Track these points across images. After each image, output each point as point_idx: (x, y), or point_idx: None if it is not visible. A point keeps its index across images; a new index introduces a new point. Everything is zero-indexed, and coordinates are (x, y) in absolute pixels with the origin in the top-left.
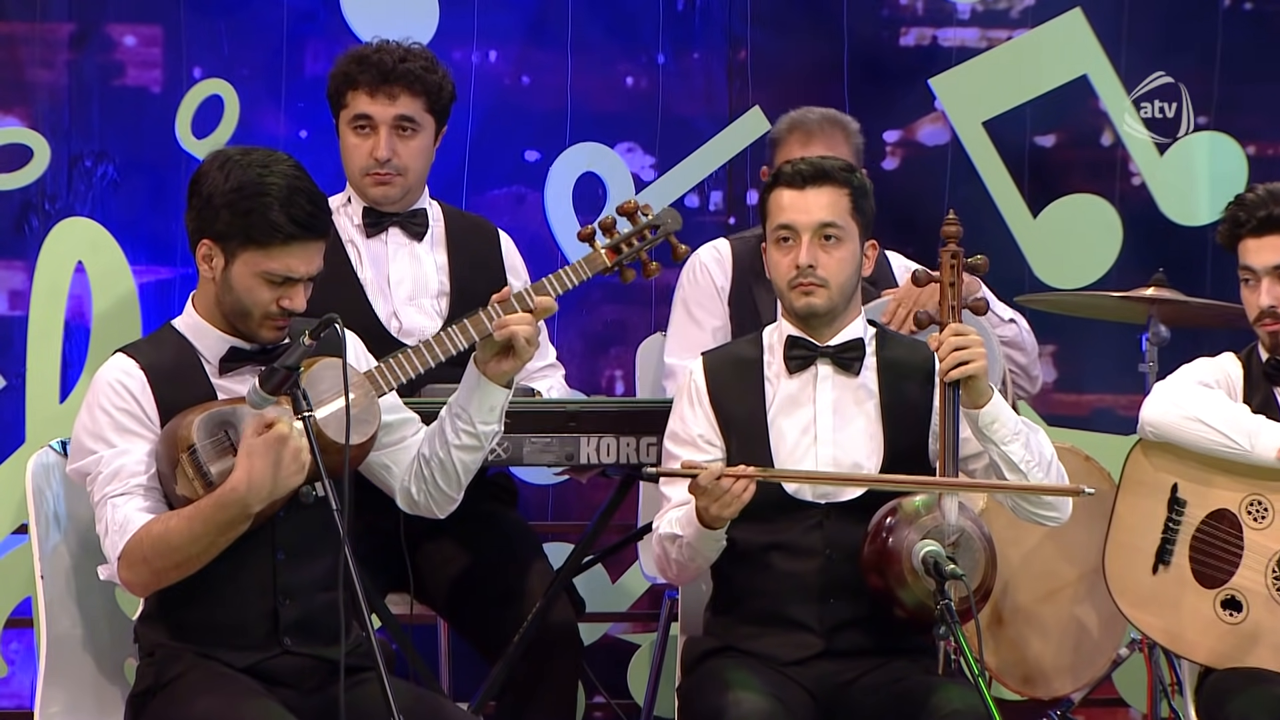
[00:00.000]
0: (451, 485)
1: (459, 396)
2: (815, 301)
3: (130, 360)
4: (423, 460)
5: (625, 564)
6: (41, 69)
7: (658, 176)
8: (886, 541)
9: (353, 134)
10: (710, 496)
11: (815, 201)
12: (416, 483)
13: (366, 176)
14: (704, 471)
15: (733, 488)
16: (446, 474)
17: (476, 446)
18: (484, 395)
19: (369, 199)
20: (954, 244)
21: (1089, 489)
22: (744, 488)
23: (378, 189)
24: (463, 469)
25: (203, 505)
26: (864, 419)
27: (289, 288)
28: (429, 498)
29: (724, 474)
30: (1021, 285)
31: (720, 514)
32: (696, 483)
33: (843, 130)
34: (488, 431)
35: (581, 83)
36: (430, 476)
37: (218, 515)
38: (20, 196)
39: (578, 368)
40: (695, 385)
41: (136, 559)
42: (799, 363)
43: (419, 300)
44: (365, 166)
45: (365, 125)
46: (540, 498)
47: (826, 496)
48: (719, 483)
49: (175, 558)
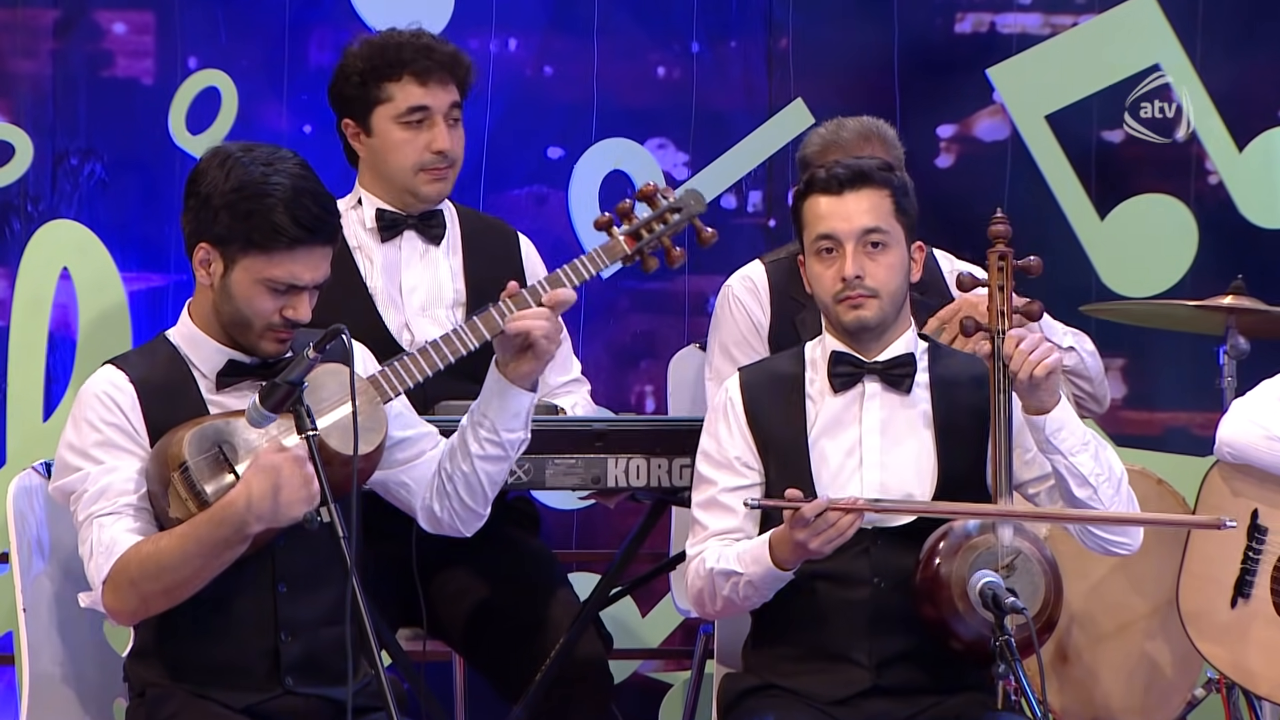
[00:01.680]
0: (477, 500)
1: (480, 403)
2: (866, 314)
3: (119, 373)
4: (444, 475)
5: (656, 596)
6: (23, 59)
7: (691, 175)
8: (939, 568)
9: (400, 128)
10: (813, 531)
11: (855, 206)
12: (439, 500)
13: (422, 173)
14: (809, 504)
15: (839, 522)
16: (471, 488)
17: (502, 456)
18: (507, 400)
19: (422, 198)
20: (1002, 244)
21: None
22: (850, 522)
23: (434, 185)
24: (488, 482)
25: (196, 522)
26: (915, 441)
27: (293, 296)
28: (453, 515)
29: (831, 506)
30: (1088, 293)
31: (819, 550)
32: (800, 515)
33: (883, 142)
34: (513, 440)
35: (609, 73)
36: (454, 492)
37: (212, 534)
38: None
39: (604, 383)
40: (731, 403)
41: (123, 583)
42: (844, 380)
43: (433, 310)
44: (423, 162)
45: (420, 117)
46: (564, 524)
47: (874, 521)
48: (825, 516)
49: (165, 581)
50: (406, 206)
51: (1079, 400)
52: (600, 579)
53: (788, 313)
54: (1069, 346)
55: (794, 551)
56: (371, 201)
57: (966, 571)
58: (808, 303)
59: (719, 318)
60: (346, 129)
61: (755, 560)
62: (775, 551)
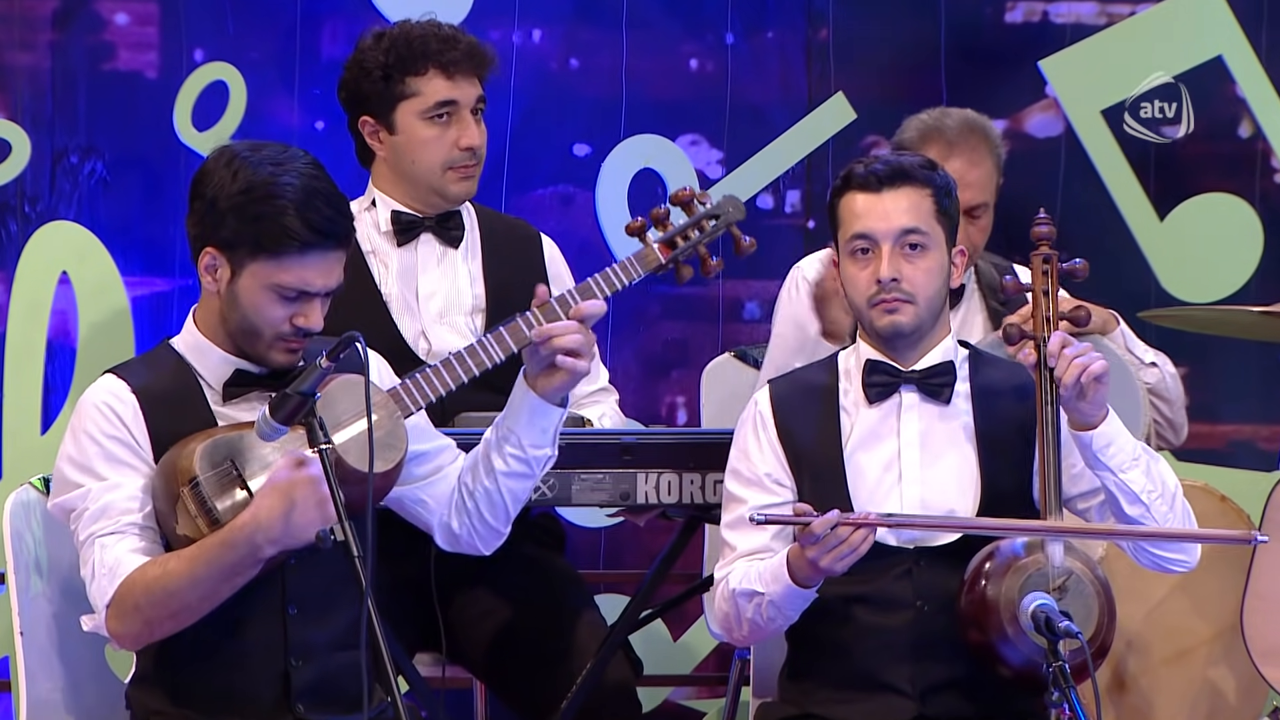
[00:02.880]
0: (499, 518)
1: (506, 417)
2: (901, 320)
3: (120, 382)
4: (465, 491)
5: (689, 619)
6: (20, 51)
7: (726, 173)
8: (986, 590)
9: (427, 125)
10: (823, 548)
11: (894, 205)
12: (458, 516)
13: (450, 171)
14: (818, 519)
15: (850, 537)
16: (493, 505)
17: (527, 474)
18: (535, 415)
19: (450, 198)
20: (1046, 247)
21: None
22: (863, 538)
23: (462, 184)
24: (512, 499)
25: (206, 545)
26: (956, 454)
27: (304, 304)
28: (473, 533)
29: (841, 521)
30: (1146, 299)
31: (832, 568)
32: (809, 531)
33: (986, 139)
34: (540, 457)
35: (638, 66)
36: (475, 509)
37: (223, 557)
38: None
39: (634, 393)
40: (760, 416)
41: (128, 607)
42: (880, 390)
43: (451, 317)
44: (452, 159)
45: (447, 112)
46: (591, 542)
47: (916, 540)
48: (835, 531)
49: (172, 605)
50: (431, 207)
51: (1157, 428)
52: (629, 601)
53: None
54: (1151, 362)
55: (808, 569)
56: (387, 203)
57: (1016, 594)
58: None
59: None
60: (364, 127)
61: (775, 578)
62: (792, 569)
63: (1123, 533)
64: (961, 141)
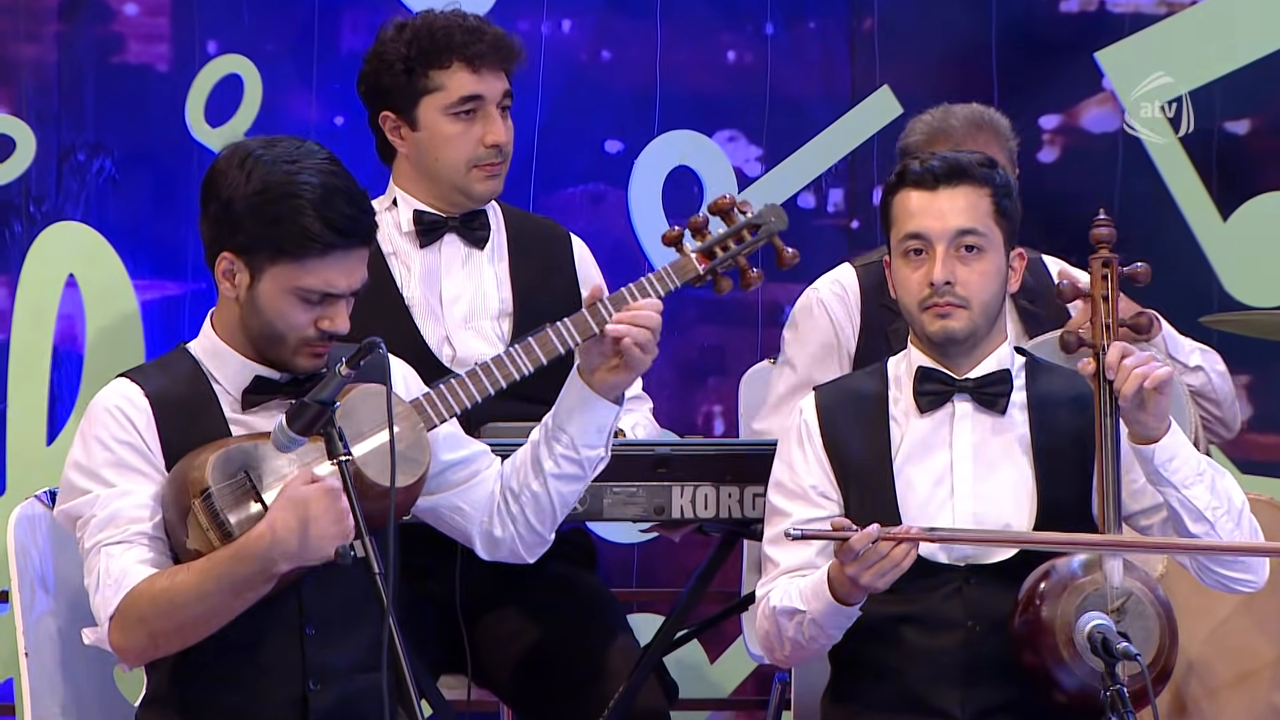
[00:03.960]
0: (545, 523)
1: (557, 415)
2: (953, 325)
3: (134, 386)
4: (509, 495)
5: (726, 640)
6: (25, 43)
7: (765, 171)
8: (1040, 611)
9: (451, 121)
10: (863, 564)
11: (950, 204)
12: (501, 521)
13: (475, 169)
14: (857, 533)
15: (891, 553)
16: (540, 510)
17: (578, 475)
18: (590, 412)
19: (475, 197)
20: (1106, 249)
21: None
22: (905, 553)
23: (488, 183)
24: (560, 503)
25: (217, 558)
26: (1012, 466)
27: (328, 306)
28: (516, 539)
29: (882, 536)
30: (1208, 302)
31: (872, 584)
32: (847, 546)
33: (995, 133)
34: (593, 457)
35: (673, 58)
36: (520, 514)
37: (234, 571)
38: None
39: (669, 402)
40: (805, 426)
41: (132, 619)
42: (932, 399)
43: (476, 322)
44: (477, 157)
45: (472, 108)
46: (623, 559)
47: (967, 558)
48: (875, 547)
49: (178, 619)
50: (455, 206)
51: (1206, 424)
52: (664, 621)
53: (879, 323)
54: (1196, 366)
55: (849, 586)
56: (409, 202)
57: (1073, 614)
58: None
59: (799, 326)
60: (385, 123)
61: (816, 595)
62: (833, 585)
63: (1185, 546)
64: (969, 139)
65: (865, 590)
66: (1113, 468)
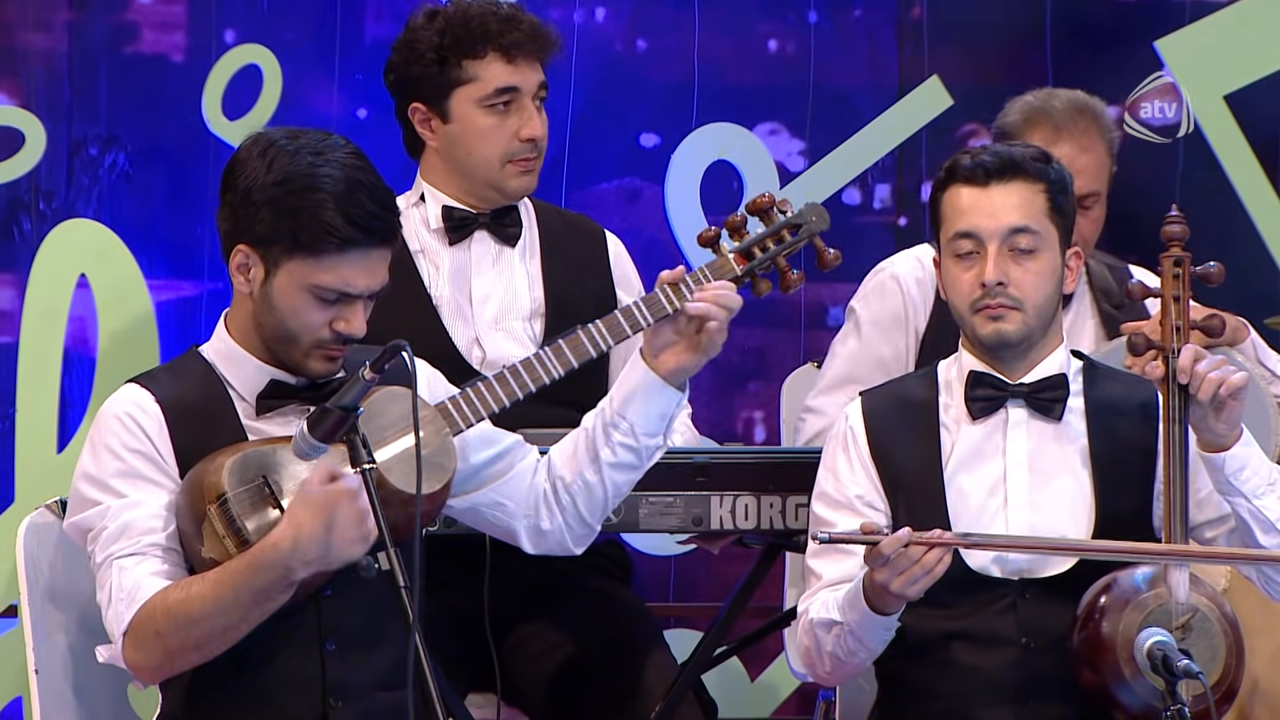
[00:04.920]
0: (596, 514)
1: (616, 401)
2: (1006, 328)
3: (144, 392)
4: (559, 485)
5: (768, 657)
6: (35, 32)
7: (808, 165)
8: (1100, 626)
9: (485, 113)
10: (893, 570)
11: (1003, 201)
12: (548, 512)
13: (510, 164)
14: (887, 538)
15: (923, 558)
16: (593, 500)
17: (635, 465)
18: (653, 398)
19: (508, 193)
20: (1178, 248)
21: None
22: (937, 559)
23: (523, 179)
24: (614, 493)
25: (233, 566)
26: (1069, 475)
27: (345, 307)
28: (564, 530)
29: (913, 540)
30: (1275, 304)
31: (904, 592)
32: (877, 551)
33: (1097, 121)
34: (651, 446)
35: (712, 47)
36: (570, 504)
37: (251, 580)
38: (8, 193)
39: (707, 408)
40: (851, 433)
41: (147, 634)
42: (985, 405)
43: (507, 322)
44: (512, 151)
45: (507, 99)
46: (660, 572)
47: (1022, 572)
48: (906, 552)
49: (195, 633)
50: (486, 202)
51: None
52: (702, 637)
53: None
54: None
55: (882, 594)
56: (437, 198)
57: (1134, 631)
58: None
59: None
60: (414, 115)
61: (852, 605)
62: (867, 594)
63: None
64: (1070, 124)
65: (899, 598)
66: (1180, 477)
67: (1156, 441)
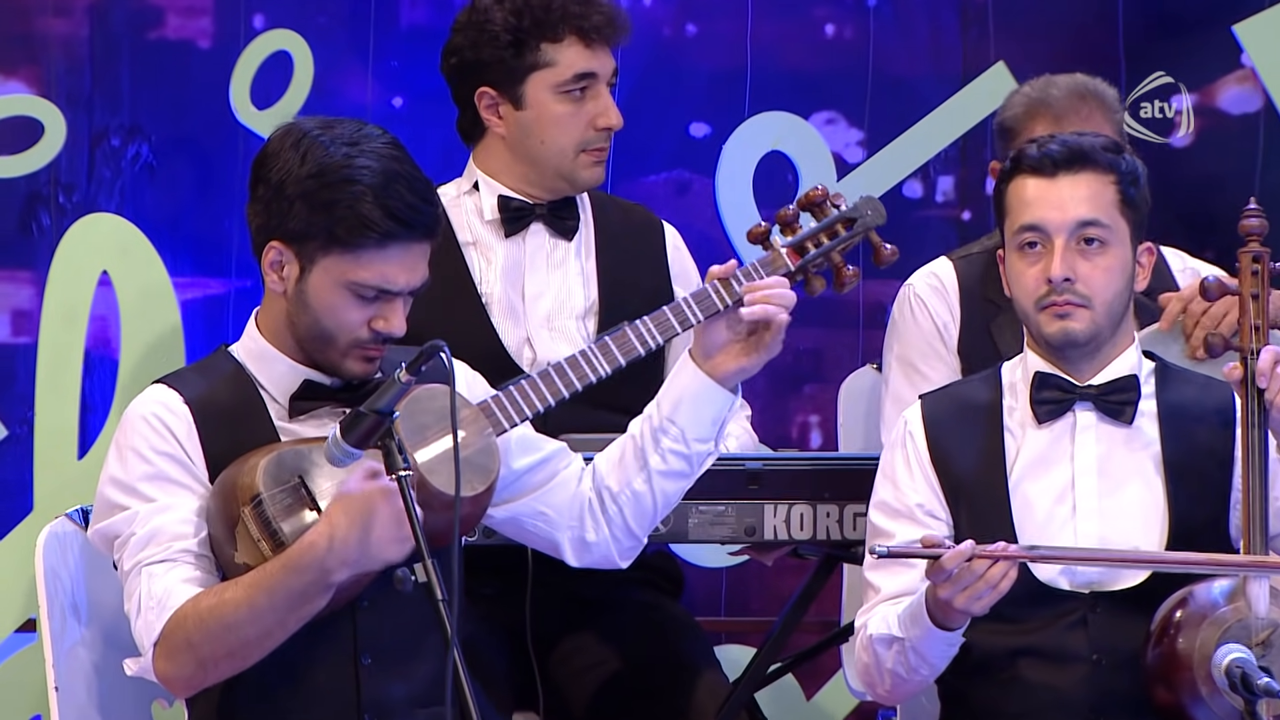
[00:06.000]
0: (644, 524)
1: (665, 405)
2: (1073, 326)
3: (172, 392)
4: (606, 495)
5: (824, 674)
6: (54, 17)
7: (867, 156)
8: (1176, 642)
9: (560, 100)
10: (957, 584)
11: (1071, 193)
12: (595, 524)
13: (584, 154)
14: (949, 551)
15: (988, 573)
16: (641, 510)
17: (685, 473)
18: (705, 402)
19: (579, 184)
20: (1256, 243)
21: None
22: (1002, 573)
23: (594, 169)
24: (664, 503)
25: (269, 569)
26: (1140, 482)
27: (384, 305)
28: (610, 542)
29: (977, 554)
30: None
31: (968, 608)
32: (938, 566)
33: (1101, 104)
34: (703, 453)
35: (765, 33)
36: (618, 515)
37: (288, 583)
38: (26, 186)
39: (761, 411)
40: (911, 439)
41: (178, 643)
42: (1051, 408)
43: (560, 321)
44: (587, 140)
45: (585, 86)
46: (711, 585)
47: (1092, 584)
48: (970, 566)
49: (229, 640)
50: (549, 193)
51: None
52: (756, 653)
53: (981, 319)
54: None
55: (944, 610)
56: (492, 187)
57: (1211, 647)
58: (1005, 305)
59: (897, 326)
60: (481, 100)
61: (914, 620)
62: (930, 609)
63: None
64: (1071, 111)
65: (963, 614)
66: (1259, 484)
67: (1234, 447)
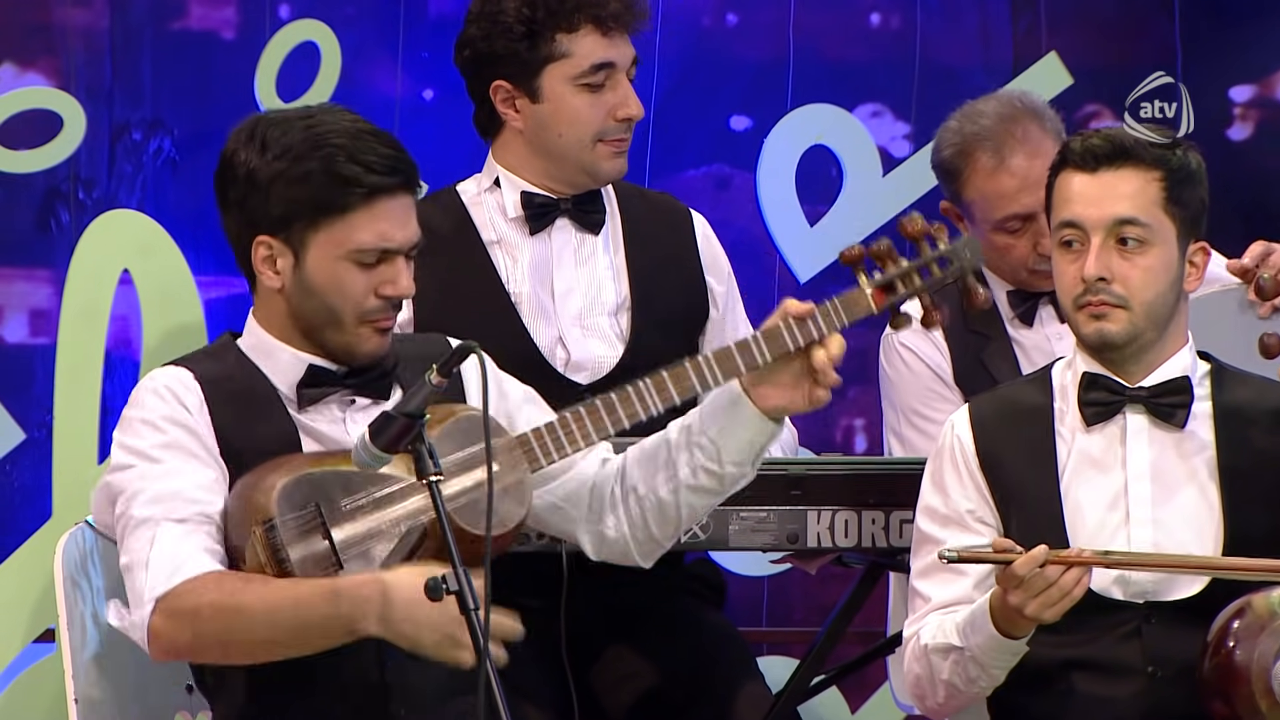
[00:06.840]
0: (667, 532)
1: (705, 421)
2: (1108, 327)
3: (182, 369)
4: (632, 494)
5: (870, 686)
6: (74, 8)
7: (914, 151)
8: (1233, 654)
9: (578, 91)
10: (1028, 591)
11: (1110, 189)
12: (615, 520)
13: (603, 145)
14: (1021, 557)
15: (1061, 579)
16: (664, 519)
17: (715, 491)
18: (745, 428)
19: (600, 176)
20: None
21: None
22: (1076, 579)
23: (615, 161)
24: (688, 516)
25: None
26: (1195, 488)
27: (388, 265)
28: (630, 541)
29: (1050, 560)
30: None
31: (1039, 615)
32: (1010, 572)
33: (1037, 119)
34: (735, 475)
35: (809, 22)
36: (639, 517)
37: (317, 606)
38: (45, 181)
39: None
40: (959, 443)
41: (185, 608)
42: (1099, 411)
43: (592, 318)
44: (607, 131)
45: (603, 77)
46: (752, 594)
47: (1147, 594)
48: (1043, 572)
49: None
50: (571, 187)
51: None
52: (799, 665)
53: (972, 351)
54: None
55: (1013, 617)
56: (514, 183)
57: (1270, 659)
58: (993, 334)
59: (889, 377)
60: (496, 93)
61: (975, 628)
62: (996, 617)
63: None
64: (1007, 135)
65: (1031, 622)
66: None
67: None
